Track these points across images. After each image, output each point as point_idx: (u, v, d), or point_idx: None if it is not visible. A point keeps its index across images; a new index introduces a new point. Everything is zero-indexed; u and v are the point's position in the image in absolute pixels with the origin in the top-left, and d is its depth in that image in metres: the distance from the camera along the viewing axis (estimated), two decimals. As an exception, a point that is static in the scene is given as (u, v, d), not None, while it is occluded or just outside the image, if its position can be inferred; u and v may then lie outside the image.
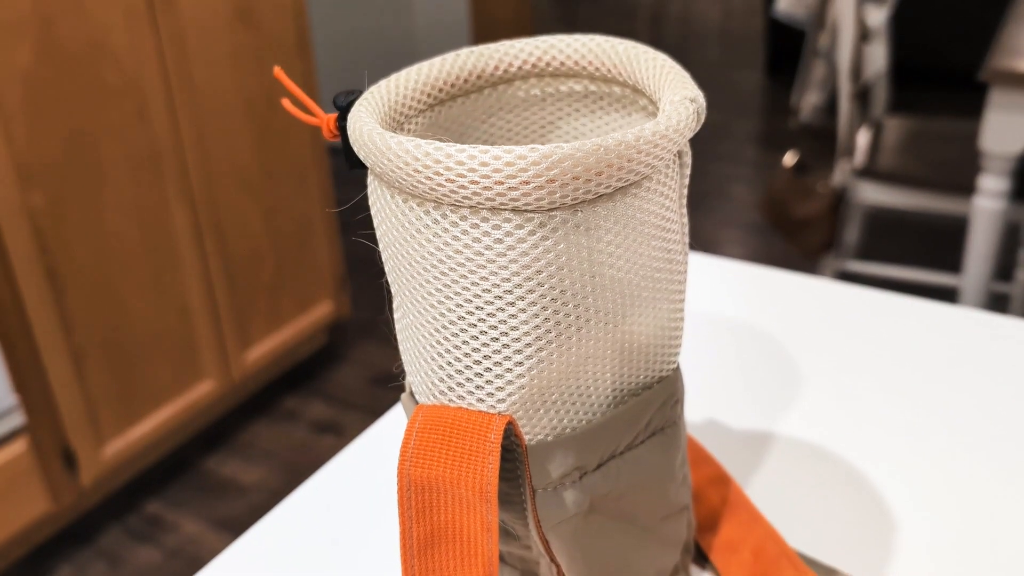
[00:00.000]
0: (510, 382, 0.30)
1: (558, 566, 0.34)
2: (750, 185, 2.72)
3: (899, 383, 0.55)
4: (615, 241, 0.29)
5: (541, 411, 0.31)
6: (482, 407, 0.31)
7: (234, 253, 1.73)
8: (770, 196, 1.96)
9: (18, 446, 1.43)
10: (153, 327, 1.62)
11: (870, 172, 1.84)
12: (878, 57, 1.90)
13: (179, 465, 1.79)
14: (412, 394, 0.34)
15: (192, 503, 1.69)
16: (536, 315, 0.29)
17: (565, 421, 0.32)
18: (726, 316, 0.63)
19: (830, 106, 2.93)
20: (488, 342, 0.29)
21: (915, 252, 2.31)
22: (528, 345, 0.29)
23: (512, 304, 0.29)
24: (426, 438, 0.30)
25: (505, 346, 0.29)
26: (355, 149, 0.30)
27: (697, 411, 0.53)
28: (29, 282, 1.40)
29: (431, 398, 0.32)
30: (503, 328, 0.29)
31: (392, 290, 0.32)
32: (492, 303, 0.29)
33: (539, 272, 0.28)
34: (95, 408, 1.55)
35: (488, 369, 0.30)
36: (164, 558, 1.59)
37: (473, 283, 0.29)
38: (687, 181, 0.33)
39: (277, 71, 0.34)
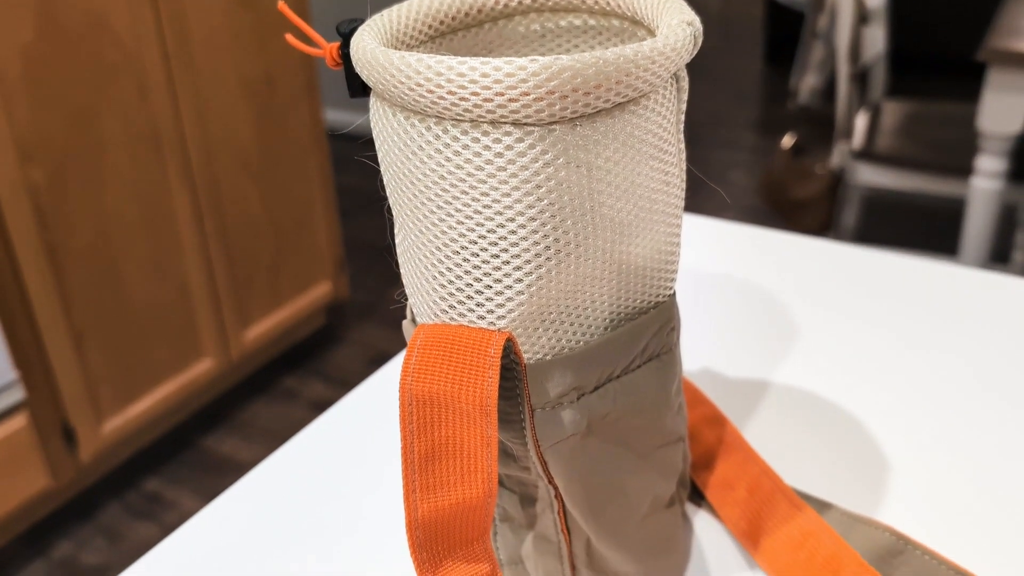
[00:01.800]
0: (509, 299, 0.31)
1: (556, 488, 0.35)
2: (748, 170, 2.72)
3: (895, 335, 0.56)
4: (613, 158, 0.29)
5: (540, 330, 0.32)
6: (482, 324, 0.31)
7: (233, 233, 1.73)
8: (768, 178, 1.96)
9: (18, 421, 1.44)
10: (152, 305, 1.62)
11: (868, 154, 1.84)
12: (877, 39, 1.91)
13: (178, 443, 1.79)
14: (413, 320, 0.35)
15: (191, 480, 1.70)
16: (535, 232, 0.29)
17: (563, 341, 0.32)
18: (722, 273, 0.63)
19: (828, 89, 2.94)
20: (488, 259, 0.30)
21: (912, 236, 2.31)
22: (527, 263, 0.30)
23: (511, 220, 0.29)
24: (427, 354, 0.31)
25: (505, 263, 0.30)
26: (358, 70, 0.30)
27: (694, 361, 0.54)
28: (29, 258, 1.40)
29: (432, 318, 0.32)
30: (503, 245, 0.30)
31: (393, 213, 0.33)
32: (492, 219, 0.29)
33: (538, 187, 0.29)
34: (94, 385, 1.56)
35: (488, 287, 0.31)
36: (163, 534, 1.60)
37: (473, 199, 0.29)
38: (684, 107, 0.33)
39: (280, 4, 0.35)
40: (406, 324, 0.35)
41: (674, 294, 0.35)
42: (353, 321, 2.12)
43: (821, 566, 0.38)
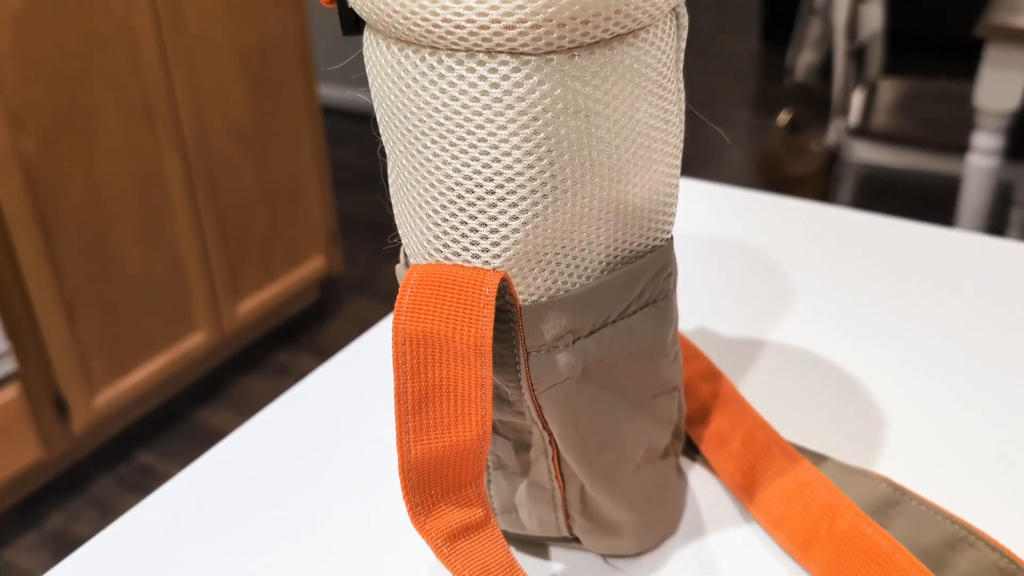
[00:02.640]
0: (505, 237, 0.30)
1: (550, 434, 0.34)
2: (744, 148, 2.71)
3: (892, 296, 0.55)
4: (612, 91, 0.29)
5: (536, 270, 0.31)
6: (477, 264, 0.31)
7: (226, 205, 1.72)
8: (764, 154, 1.96)
9: (9, 392, 1.43)
10: (145, 277, 1.61)
11: (864, 131, 1.84)
12: (874, 17, 1.90)
13: (170, 416, 1.79)
14: (406, 263, 0.35)
15: (183, 454, 1.70)
16: (531, 167, 0.29)
17: (559, 282, 0.32)
18: (718, 236, 0.63)
19: (825, 66, 2.92)
20: (483, 195, 0.30)
21: (907, 214, 2.31)
22: (523, 199, 0.29)
23: (507, 155, 0.29)
24: (421, 294, 0.30)
25: (501, 199, 0.29)
26: (351, 3, 0.30)
27: (689, 320, 0.54)
28: (20, 228, 1.39)
29: (425, 258, 0.32)
30: (498, 181, 0.29)
31: (386, 151, 0.32)
32: (487, 153, 0.29)
33: (535, 120, 0.28)
34: (87, 357, 1.55)
35: (483, 224, 0.30)
36: (156, 506, 1.59)
37: (468, 132, 0.29)
38: (683, 45, 0.33)
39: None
40: (399, 268, 0.35)
41: (672, 239, 0.35)
42: (346, 296, 2.12)
43: (817, 516, 0.37)
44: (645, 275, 0.34)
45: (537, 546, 0.39)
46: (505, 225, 0.30)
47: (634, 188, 0.32)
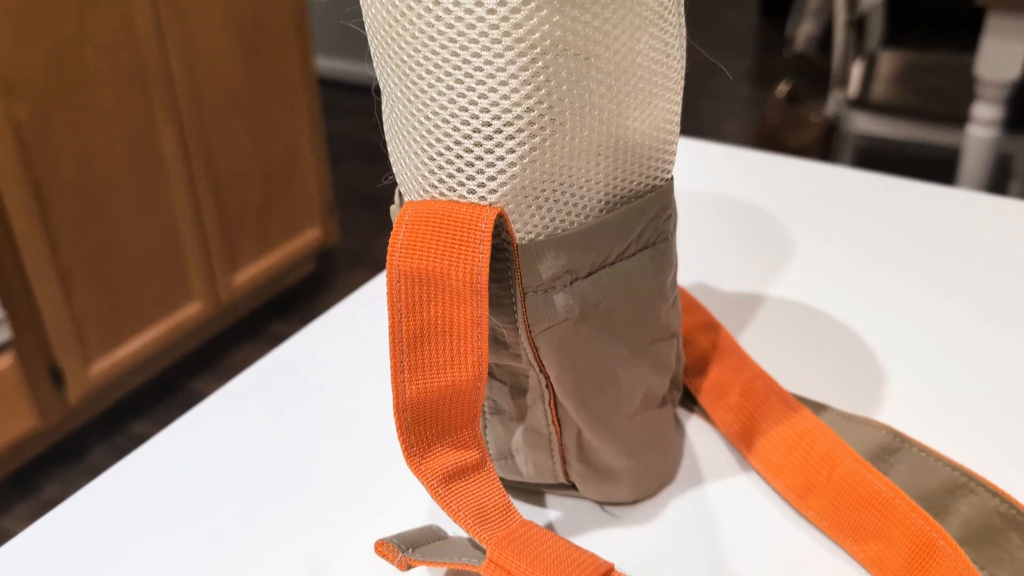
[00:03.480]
0: (501, 172, 0.29)
1: (547, 378, 0.34)
2: (743, 121, 2.70)
3: (892, 252, 0.55)
4: (612, 20, 0.28)
5: (533, 207, 0.31)
6: (472, 199, 0.30)
7: (222, 174, 1.71)
8: (763, 125, 1.95)
9: (4, 361, 1.43)
10: (140, 246, 1.60)
11: (863, 102, 1.82)
12: (875, -14, 1.88)
13: (166, 387, 1.79)
14: (401, 203, 0.34)
15: (180, 423, 1.69)
16: (529, 97, 0.28)
17: (557, 221, 0.31)
18: (717, 193, 0.62)
19: (825, 38, 2.90)
20: (479, 128, 0.29)
21: (905, 188, 2.30)
22: (520, 131, 0.29)
23: (504, 84, 0.28)
24: (416, 230, 0.30)
25: (497, 132, 0.29)
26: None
27: (688, 275, 0.53)
28: (14, 195, 1.38)
29: (420, 194, 0.31)
30: (495, 112, 0.29)
31: (381, 86, 0.32)
32: (483, 83, 0.28)
33: (532, 48, 0.28)
34: (82, 326, 1.55)
35: (479, 158, 0.29)
36: (152, 476, 1.59)
37: (464, 61, 0.28)
38: (685, -22, 0.32)
39: None
40: (393, 208, 0.34)
41: (672, 180, 0.34)
42: (343, 268, 2.11)
43: (816, 463, 0.37)
44: (644, 216, 0.33)
45: (533, 494, 0.39)
46: (501, 159, 0.29)
47: (634, 124, 0.31)
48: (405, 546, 0.32)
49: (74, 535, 0.38)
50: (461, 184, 0.30)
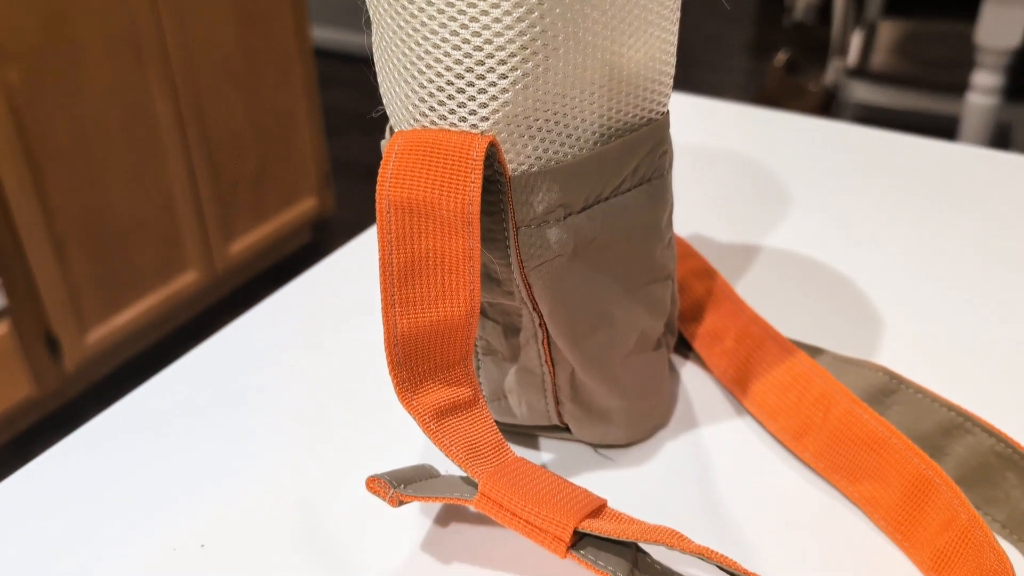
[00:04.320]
0: (493, 98, 0.29)
1: (540, 316, 0.33)
2: (741, 92, 2.69)
3: (890, 205, 0.54)
4: (605, -59, 0.28)
5: (526, 137, 0.30)
6: (464, 128, 0.30)
7: (217, 142, 1.70)
8: (761, 94, 1.93)
9: (0, 328, 1.42)
10: (135, 215, 1.60)
11: (862, 71, 1.81)
12: (875, -46, 1.86)
13: (162, 356, 1.78)
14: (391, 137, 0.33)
15: (177, 392, 1.69)
16: (521, 20, 0.28)
17: (551, 151, 0.31)
18: (716, 148, 0.62)
19: (824, 7, 2.89)
20: (470, 52, 0.28)
21: (904, 159, 2.29)
22: (512, 56, 0.28)
23: (496, 7, 0.27)
24: (406, 159, 0.29)
25: (489, 56, 0.28)
26: None
27: (685, 227, 0.53)
28: (7, 161, 1.37)
29: (410, 123, 0.31)
30: (486, 36, 0.28)
31: (371, 15, 0.31)
32: (475, 5, 0.28)
33: (525, -31, 0.27)
34: (77, 294, 1.54)
35: (470, 84, 0.29)
36: (149, 444, 1.59)
37: (456, -17, 0.27)
38: (682, -96, 0.31)
39: None
40: (384, 143, 0.34)
41: (668, 114, 0.34)
42: (339, 238, 2.10)
43: (811, 405, 0.37)
44: (640, 149, 0.32)
45: (527, 437, 0.39)
46: (493, 85, 0.29)
47: (629, 51, 0.30)
48: (397, 482, 0.32)
49: (69, 475, 0.37)
50: (452, 112, 0.29)
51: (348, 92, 2.76)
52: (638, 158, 0.33)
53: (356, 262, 0.51)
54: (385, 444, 0.38)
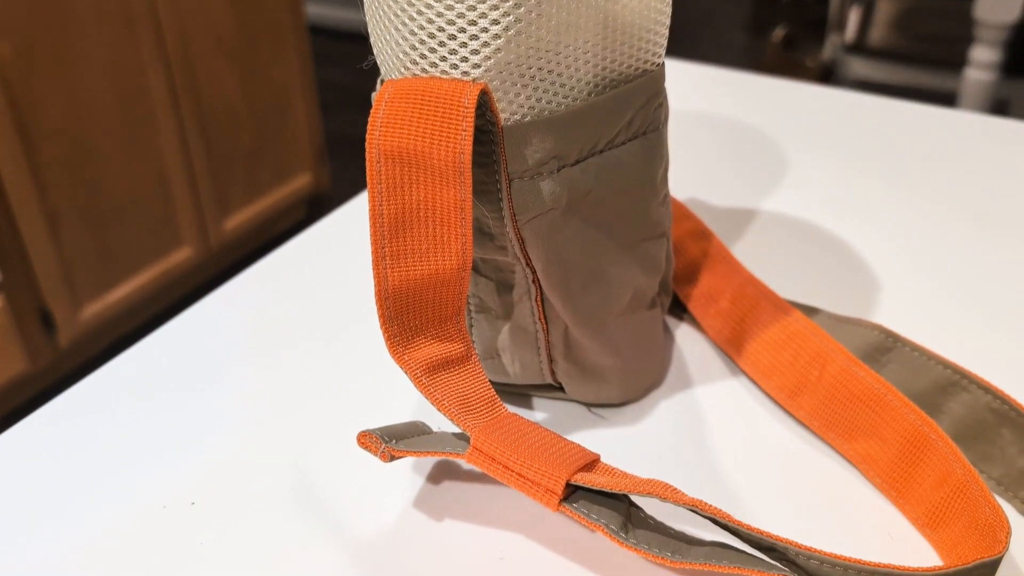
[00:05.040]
0: (485, 44, 0.28)
1: (533, 272, 0.33)
2: (738, 68, 2.67)
3: (887, 170, 0.54)
4: None
5: (518, 86, 0.30)
6: (455, 75, 0.29)
7: (211, 118, 1.69)
8: (759, 70, 1.92)
9: (-7, 302, 1.42)
10: (129, 190, 1.59)
11: (860, 47, 1.80)
12: (874, -72, 1.85)
13: (158, 332, 1.78)
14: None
15: (172, 368, 1.69)
16: (514, -35, 0.27)
17: (544, 101, 0.30)
18: (712, 114, 0.61)
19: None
20: (463, -2, 0.28)
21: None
22: (505, 0, 0.28)
23: (488, -50, 0.27)
24: (396, 107, 0.29)
25: (480, 2, 0.28)
26: None
27: (681, 191, 0.52)
28: (-1, 135, 1.36)
29: (401, 72, 0.30)
30: (479, -19, 0.27)
31: (361, -40, 0.31)
32: (467, -51, 0.27)
33: (517, -90, 0.26)
34: (71, 270, 1.53)
35: (462, 31, 0.28)
36: (144, 420, 1.59)
37: (447, -75, 0.27)
38: None
39: None
40: (375, 94, 0.33)
41: (663, 66, 0.33)
42: (335, 215, 2.10)
43: (807, 363, 0.36)
44: (635, 101, 0.32)
45: (520, 397, 0.38)
46: (485, 31, 0.28)
47: (623, 0, 0.30)
48: (388, 437, 0.32)
49: (61, 434, 0.37)
50: (443, 59, 0.29)
51: (343, 69, 2.74)
52: (633, 110, 0.32)
53: (350, 224, 0.50)
54: (377, 403, 0.38)
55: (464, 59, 0.29)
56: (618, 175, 0.33)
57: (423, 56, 0.29)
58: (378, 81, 0.34)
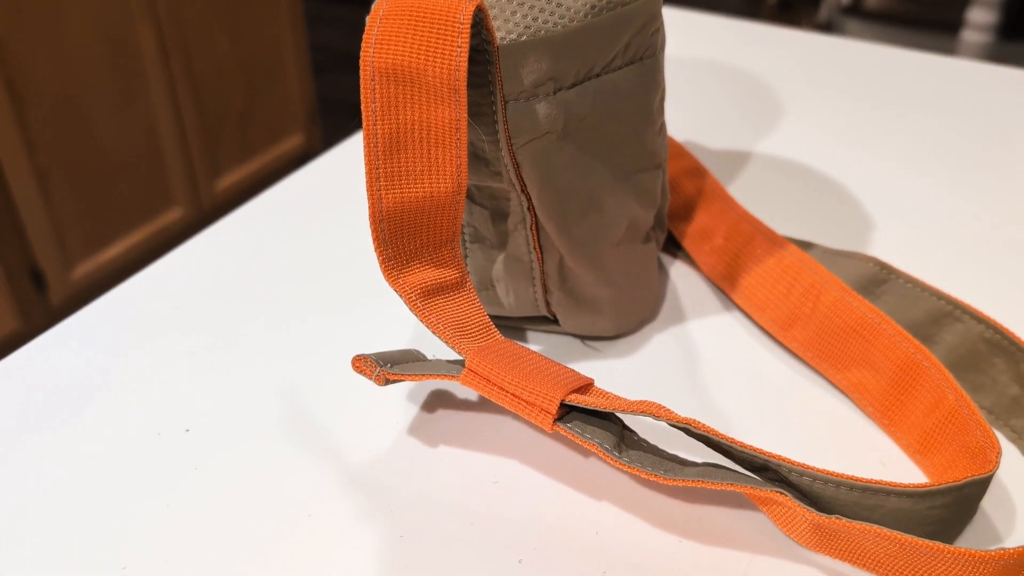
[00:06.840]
0: (481, -40, 0.28)
1: (528, 199, 0.33)
2: (733, 34, 2.65)
3: (884, 110, 0.54)
4: None
5: (514, 3, 0.29)
6: (451, -8, 0.29)
7: (202, 76, 1.67)
8: (754, 32, 1.92)
9: (-17, 260, 1.41)
10: (120, 149, 1.57)
11: (856, 9, 1.79)
12: None
13: (150, 293, 1.77)
14: (378, 12, 0.32)
15: (164, 328, 1.69)
16: None
17: (540, 20, 0.30)
18: (708, 60, 0.61)
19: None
20: (458, -89, 0.27)
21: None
22: (501, -84, 0.27)
23: None
24: (391, 23, 0.29)
25: (476, -85, 0.27)
26: None
27: (679, 133, 0.52)
28: (-13, 91, 1.34)
29: (397, -9, 0.30)
30: None
31: None
32: None
33: None
34: (62, 229, 1.52)
35: (458, -54, 0.28)
36: (137, 379, 1.59)
37: None
38: None
39: None
40: (369, 16, 0.33)
41: (659, -9, 0.33)
42: (327, 177, 2.08)
43: (801, 295, 0.36)
44: (631, 25, 0.32)
45: (514, 330, 0.38)
46: (481, -54, 0.28)
47: (621, -84, 0.29)
48: (383, 362, 0.31)
49: (55, 363, 0.37)
50: (439, -24, 0.28)
51: (335, 31, 2.72)
52: (630, 33, 0.32)
53: (347, 161, 0.50)
54: (372, 332, 0.38)
55: (459, -25, 0.28)
56: (614, 100, 0.33)
57: (418, -28, 0.29)
58: (371, 6, 0.33)
